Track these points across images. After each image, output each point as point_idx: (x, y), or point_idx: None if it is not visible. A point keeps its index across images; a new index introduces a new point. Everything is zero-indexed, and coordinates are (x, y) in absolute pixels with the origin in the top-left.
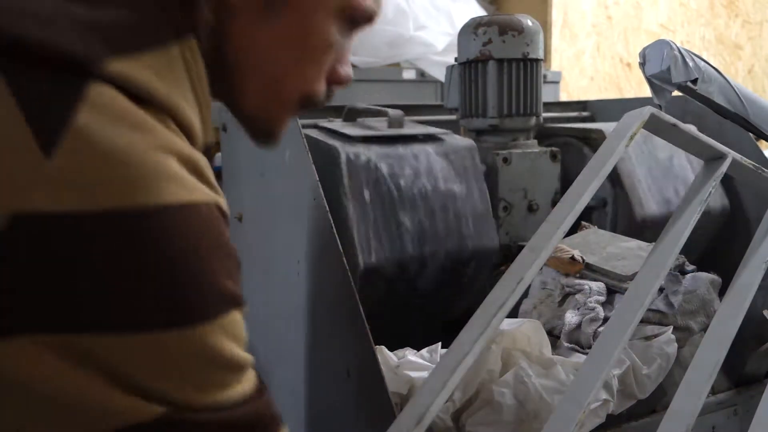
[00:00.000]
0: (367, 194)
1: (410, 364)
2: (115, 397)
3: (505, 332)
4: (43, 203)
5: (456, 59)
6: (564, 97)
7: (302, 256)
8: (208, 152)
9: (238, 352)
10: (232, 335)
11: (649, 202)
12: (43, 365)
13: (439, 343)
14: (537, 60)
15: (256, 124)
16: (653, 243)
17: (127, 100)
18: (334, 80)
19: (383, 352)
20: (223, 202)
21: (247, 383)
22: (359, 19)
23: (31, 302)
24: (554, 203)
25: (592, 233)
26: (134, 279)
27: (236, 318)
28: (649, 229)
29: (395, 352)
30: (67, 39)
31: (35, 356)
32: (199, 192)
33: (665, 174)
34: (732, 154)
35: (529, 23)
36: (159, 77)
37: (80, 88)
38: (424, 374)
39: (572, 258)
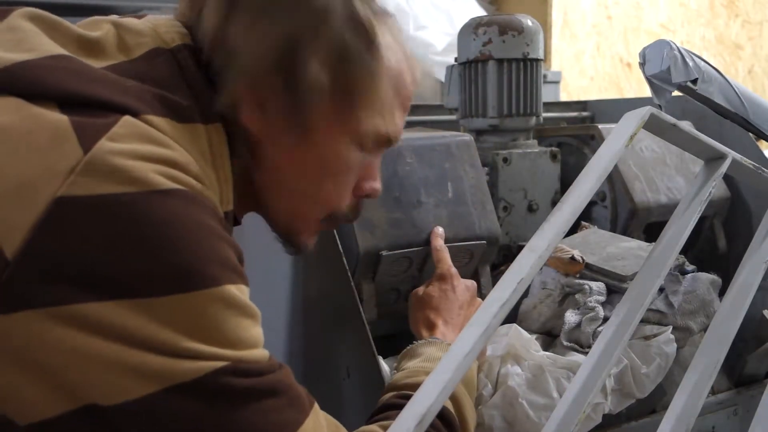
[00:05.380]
0: None
1: None
2: (147, 360)
3: (491, 357)
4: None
5: (456, 59)
6: (564, 97)
7: (302, 255)
8: (228, 217)
9: (250, 302)
10: (240, 297)
11: (645, 191)
12: (72, 339)
13: None
14: (537, 60)
15: (286, 238)
16: (653, 243)
17: (149, 127)
18: (359, 194)
19: (379, 363)
20: (208, 194)
21: (265, 350)
22: (379, 147)
23: (57, 278)
24: (554, 203)
25: (592, 233)
26: (140, 251)
27: (242, 288)
28: (650, 218)
29: (392, 359)
30: (120, 98)
31: (64, 331)
32: (179, 181)
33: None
34: (732, 154)
35: (529, 23)
36: (177, 134)
37: (117, 120)
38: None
39: (572, 258)
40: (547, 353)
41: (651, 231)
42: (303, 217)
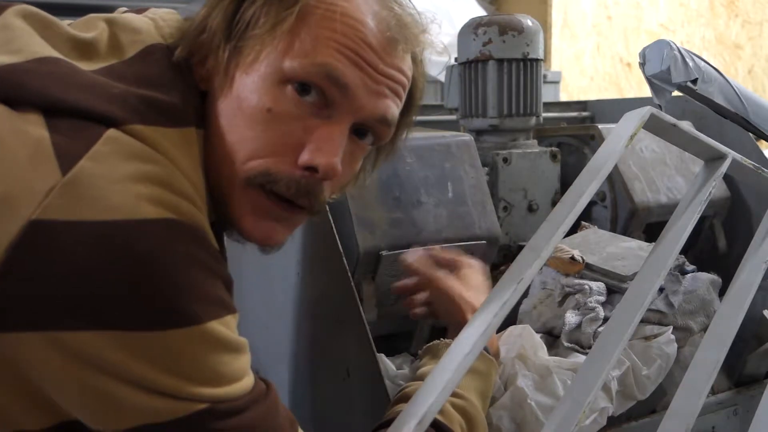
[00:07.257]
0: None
1: (407, 378)
2: (124, 392)
3: (505, 359)
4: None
5: (456, 59)
6: (564, 97)
7: (302, 255)
8: (218, 229)
9: (233, 335)
10: (222, 333)
11: (645, 191)
12: (50, 361)
13: None
14: (537, 60)
15: (226, 219)
16: (653, 243)
17: (134, 141)
18: (301, 163)
19: (382, 360)
20: (195, 216)
21: (250, 377)
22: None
23: (36, 301)
24: (554, 203)
25: (592, 233)
26: (120, 284)
27: (227, 320)
28: (650, 218)
29: (393, 358)
30: (104, 107)
31: (43, 353)
32: (165, 205)
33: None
34: (732, 154)
35: (529, 23)
36: (168, 142)
37: (99, 135)
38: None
39: (572, 258)
40: (553, 358)
41: (651, 231)
42: (226, 176)
